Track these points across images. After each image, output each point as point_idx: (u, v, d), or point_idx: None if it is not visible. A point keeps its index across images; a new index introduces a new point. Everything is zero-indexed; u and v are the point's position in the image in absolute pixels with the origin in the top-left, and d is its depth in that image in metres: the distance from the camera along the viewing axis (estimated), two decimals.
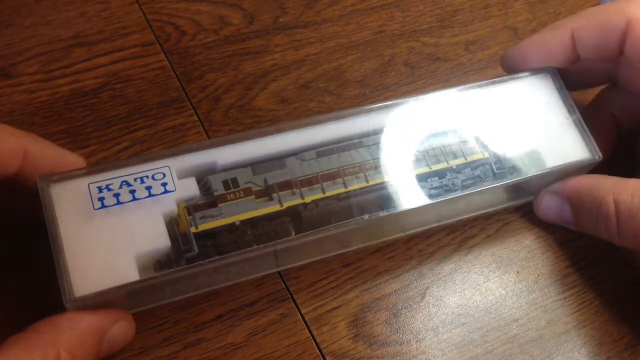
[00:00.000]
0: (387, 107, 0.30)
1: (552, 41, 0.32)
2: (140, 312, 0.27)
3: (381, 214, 0.28)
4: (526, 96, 0.32)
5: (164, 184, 0.26)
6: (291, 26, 0.40)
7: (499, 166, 0.30)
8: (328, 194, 0.28)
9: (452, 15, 0.43)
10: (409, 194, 0.29)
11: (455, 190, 0.29)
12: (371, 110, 0.30)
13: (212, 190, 0.27)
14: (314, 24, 0.40)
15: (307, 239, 0.27)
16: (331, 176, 0.28)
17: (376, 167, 0.29)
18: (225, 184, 0.27)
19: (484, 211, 0.32)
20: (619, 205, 0.28)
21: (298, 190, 0.28)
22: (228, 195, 0.27)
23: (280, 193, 0.27)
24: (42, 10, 0.37)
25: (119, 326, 0.25)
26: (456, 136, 0.31)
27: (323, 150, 0.29)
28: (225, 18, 0.40)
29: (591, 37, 0.31)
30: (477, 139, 0.31)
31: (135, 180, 0.26)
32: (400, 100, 0.30)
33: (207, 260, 0.25)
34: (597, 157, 0.31)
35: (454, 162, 0.30)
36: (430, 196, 0.29)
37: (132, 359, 0.27)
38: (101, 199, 0.25)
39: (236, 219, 0.26)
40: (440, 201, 0.29)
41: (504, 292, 0.31)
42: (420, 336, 0.29)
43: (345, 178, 0.28)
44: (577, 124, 0.32)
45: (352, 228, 0.27)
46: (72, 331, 0.23)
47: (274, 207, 0.27)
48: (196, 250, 0.25)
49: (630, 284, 0.32)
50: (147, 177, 0.26)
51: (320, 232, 0.27)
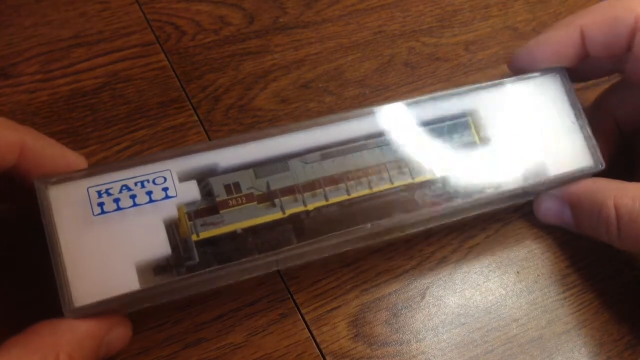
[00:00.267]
0: (392, 108, 0.30)
1: (561, 39, 0.31)
2: (139, 312, 0.27)
3: (384, 223, 0.27)
4: (534, 98, 0.32)
5: (165, 189, 0.26)
6: (291, 26, 0.40)
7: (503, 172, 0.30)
8: (331, 201, 0.27)
9: (452, 15, 0.43)
10: (412, 203, 0.28)
11: (459, 198, 0.29)
12: (376, 111, 0.29)
13: (214, 195, 0.26)
14: (314, 24, 0.40)
15: (309, 248, 0.26)
16: (334, 181, 0.28)
17: (380, 172, 0.29)
18: (227, 189, 0.27)
19: (484, 211, 0.32)
20: (620, 209, 0.28)
21: (301, 196, 0.27)
22: (230, 201, 0.26)
23: (282, 199, 0.27)
24: (42, 10, 0.37)
25: (116, 331, 0.25)
26: (462, 139, 0.30)
27: (327, 152, 0.28)
28: (225, 18, 0.40)
29: (601, 33, 0.30)
30: (482, 145, 0.30)
31: (136, 184, 0.25)
32: (405, 102, 0.30)
33: (208, 269, 0.25)
34: (600, 166, 0.31)
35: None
36: (434, 204, 0.28)
37: (132, 359, 0.27)
38: (101, 205, 0.25)
39: (238, 226, 0.26)
40: (444, 211, 0.28)
41: (504, 292, 0.31)
42: (420, 336, 0.29)
43: (349, 183, 0.28)
44: (583, 129, 0.31)
45: (354, 237, 0.27)
46: (72, 335, 0.23)
47: (276, 215, 0.27)
48: (197, 259, 0.25)
49: (630, 284, 0.32)
50: (148, 181, 0.26)
51: (322, 241, 0.27)
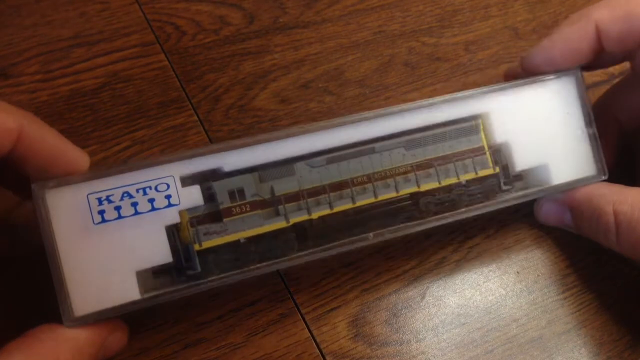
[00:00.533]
0: (396, 112, 0.28)
1: (576, 36, 0.30)
2: (139, 311, 0.27)
3: (387, 234, 0.27)
4: (546, 102, 0.31)
5: (168, 197, 0.25)
6: (291, 26, 0.40)
7: (506, 181, 0.30)
8: (336, 209, 0.27)
9: (452, 15, 0.43)
10: (417, 212, 0.28)
11: (461, 208, 0.29)
12: (384, 115, 0.28)
13: (218, 202, 0.26)
14: (314, 24, 0.40)
15: (311, 257, 0.26)
16: (340, 187, 0.27)
17: (385, 178, 0.28)
18: (231, 195, 0.26)
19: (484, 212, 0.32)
20: (619, 216, 0.28)
21: (305, 203, 0.27)
22: (234, 209, 0.26)
23: (287, 205, 0.27)
24: (42, 10, 0.37)
25: (114, 335, 0.25)
26: (470, 143, 0.30)
27: (333, 156, 0.28)
28: (225, 18, 0.40)
29: (617, 28, 0.29)
30: (491, 151, 0.30)
31: (138, 191, 0.24)
32: (411, 105, 0.29)
33: (209, 279, 0.25)
34: (603, 176, 0.30)
35: (464, 177, 0.29)
36: (436, 213, 0.28)
37: (132, 359, 0.27)
38: (101, 213, 0.24)
39: (241, 236, 0.26)
40: (447, 220, 0.28)
41: (504, 292, 0.31)
42: (420, 336, 0.29)
43: (354, 189, 0.27)
44: (591, 137, 0.30)
45: (356, 246, 0.27)
46: (73, 343, 0.23)
47: (280, 224, 0.26)
48: (199, 269, 0.25)
49: (630, 284, 0.32)
50: (150, 188, 0.25)
51: (324, 250, 0.26)
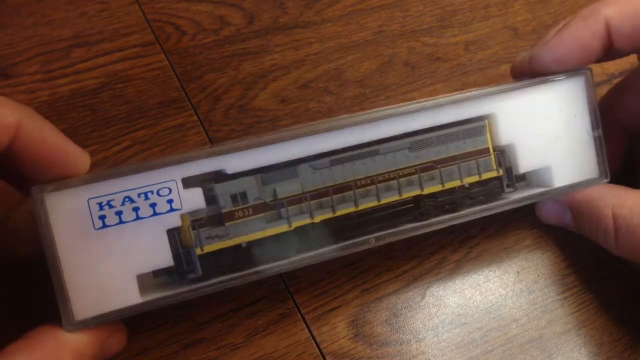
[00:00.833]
0: (402, 112, 0.28)
1: (586, 33, 0.29)
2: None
3: (388, 238, 0.27)
4: (554, 103, 0.30)
5: (170, 201, 0.24)
6: (291, 26, 0.40)
7: (509, 183, 0.30)
8: (338, 213, 0.27)
9: (452, 15, 0.43)
10: (418, 215, 0.28)
11: (462, 210, 0.29)
12: (387, 116, 0.28)
13: (220, 205, 0.25)
14: (314, 24, 0.40)
15: (312, 260, 0.26)
16: (343, 189, 0.27)
17: (389, 180, 0.28)
18: (234, 199, 0.26)
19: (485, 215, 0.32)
20: (618, 220, 0.28)
21: (308, 206, 0.27)
22: (236, 213, 0.26)
23: (289, 208, 0.26)
24: (42, 10, 0.37)
25: (113, 338, 0.25)
26: (475, 145, 0.29)
27: (337, 158, 0.27)
28: (225, 18, 0.40)
29: (627, 25, 0.29)
30: (495, 153, 0.30)
31: (139, 196, 0.24)
32: (416, 105, 0.28)
33: (210, 282, 0.25)
34: (605, 179, 0.30)
35: (467, 180, 0.29)
36: (437, 215, 0.28)
37: (132, 359, 0.27)
38: (102, 218, 0.23)
39: (243, 240, 0.26)
40: (449, 222, 0.28)
41: (504, 292, 0.31)
42: (420, 336, 0.29)
43: (357, 192, 0.27)
44: (596, 140, 0.30)
45: (357, 250, 0.27)
46: (74, 346, 0.23)
47: (282, 228, 0.26)
48: (200, 273, 0.25)
49: (630, 284, 0.32)
50: (152, 192, 0.24)
51: (325, 254, 0.26)
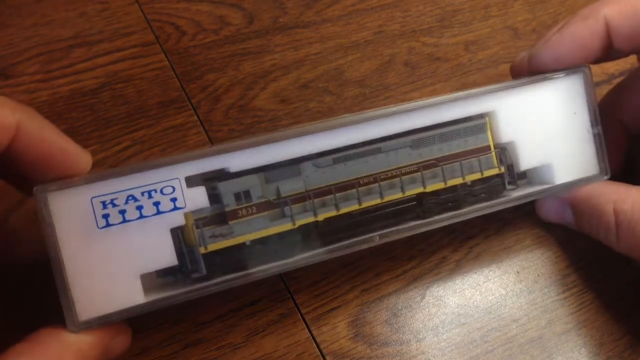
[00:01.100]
0: (404, 110, 0.28)
1: (586, 33, 0.29)
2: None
3: (393, 236, 0.27)
4: (554, 101, 0.30)
5: (174, 200, 0.24)
6: (291, 26, 0.40)
7: (510, 181, 0.30)
8: (342, 211, 0.27)
9: (452, 15, 0.43)
10: (421, 212, 0.28)
11: (465, 207, 0.29)
12: (389, 114, 0.27)
13: (223, 204, 0.25)
14: (314, 24, 0.40)
15: (316, 259, 0.26)
16: (346, 187, 0.27)
17: (391, 177, 0.28)
18: (237, 197, 0.26)
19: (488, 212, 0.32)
20: (619, 216, 0.28)
21: (311, 204, 0.26)
22: (240, 212, 0.25)
23: (293, 207, 0.26)
24: (42, 10, 0.37)
25: (117, 339, 0.24)
26: (476, 142, 0.29)
27: (340, 156, 0.27)
28: (225, 18, 0.40)
29: (627, 25, 0.29)
30: (497, 150, 0.30)
31: (143, 194, 0.24)
32: (418, 103, 0.28)
33: (214, 281, 0.24)
34: (605, 176, 0.30)
35: (469, 178, 0.29)
36: (439, 213, 0.28)
37: (132, 359, 0.27)
38: (105, 217, 0.23)
39: (247, 238, 0.25)
40: (451, 219, 0.28)
41: (504, 292, 0.31)
42: (420, 336, 0.29)
43: (360, 190, 0.27)
44: (596, 137, 0.30)
45: (361, 248, 0.27)
46: (77, 347, 0.22)
47: (286, 226, 0.26)
48: (204, 272, 0.25)
49: (630, 284, 0.32)
50: (156, 191, 0.24)
51: (330, 253, 0.26)
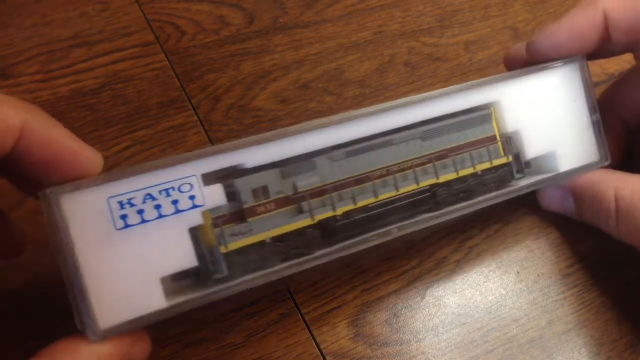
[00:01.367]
0: (413, 102, 0.28)
1: (584, 23, 0.30)
2: None
3: (410, 227, 0.27)
4: (554, 89, 0.31)
5: (192, 197, 0.23)
6: (291, 26, 0.40)
7: (518, 169, 0.30)
8: (359, 204, 0.27)
9: (452, 15, 0.43)
10: (434, 204, 0.28)
11: (476, 197, 0.29)
12: (400, 106, 0.27)
13: (241, 201, 0.25)
14: (314, 24, 0.40)
15: (337, 255, 0.25)
16: (361, 180, 0.27)
17: (404, 169, 0.28)
18: (255, 193, 0.25)
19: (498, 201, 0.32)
20: (619, 201, 0.28)
21: (329, 198, 0.26)
22: (258, 208, 0.25)
23: (311, 201, 0.26)
24: (42, 10, 0.37)
25: (137, 346, 0.23)
26: (483, 132, 0.30)
27: (353, 149, 0.27)
28: (225, 18, 0.40)
29: (625, 18, 0.29)
30: (503, 140, 0.30)
31: (160, 192, 0.23)
32: (426, 94, 0.28)
33: (236, 282, 0.24)
34: (605, 162, 0.31)
35: (480, 167, 0.29)
36: (452, 204, 0.28)
37: None
38: (123, 217, 0.22)
39: (267, 235, 0.25)
40: (464, 209, 0.28)
41: (504, 292, 0.31)
42: (420, 336, 0.29)
43: (375, 183, 0.27)
44: (595, 124, 0.31)
45: (380, 241, 0.26)
46: (96, 357, 0.21)
47: (305, 222, 0.25)
48: (226, 272, 0.24)
49: (631, 284, 0.32)
50: (173, 188, 0.23)
51: (350, 248, 0.26)
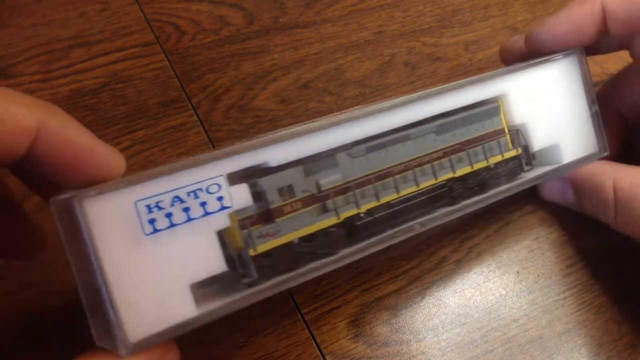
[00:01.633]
0: (428, 95, 0.27)
1: (582, 15, 0.30)
2: None
3: (431, 223, 0.27)
4: (555, 81, 0.31)
5: (220, 198, 0.22)
6: (291, 26, 0.40)
7: (527, 161, 0.31)
8: (382, 201, 0.26)
9: (452, 15, 0.43)
10: (451, 198, 0.28)
11: (489, 191, 0.29)
12: (407, 102, 0.27)
13: (268, 201, 0.24)
14: (314, 24, 0.40)
15: (363, 254, 0.25)
16: (382, 176, 0.27)
17: (422, 164, 0.28)
18: (281, 193, 0.24)
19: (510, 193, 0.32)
20: (618, 192, 0.29)
21: (353, 196, 0.26)
22: (285, 208, 0.24)
23: (335, 199, 0.25)
24: (42, 10, 0.37)
25: (167, 358, 0.22)
26: (492, 126, 0.30)
27: (372, 145, 0.27)
28: (225, 18, 0.40)
29: (623, 10, 0.30)
30: (512, 133, 0.30)
31: (189, 194, 0.22)
32: (439, 88, 0.28)
33: (266, 285, 0.23)
34: (604, 152, 0.32)
35: (492, 160, 0.30)
36: (468, 197, 0.28)
37: None
38: (152, 222, 0.21)
39: (295, 236, 0.24)
40: (480, 202, 0.28)
41: (504, 292, 0.31)
42: (420, 336, 0.29)
43: (396, 179, 0.27)
44: (594, 117, 0.32)
45: (403, 237, 0.26)
46: None
47: (331, 220, 0.25)
48: (255, 276, 0.23)
49: (631, 284, 0.32)
50: (201, 190, 0.22)
51: (375, 246, 0.25)
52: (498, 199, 0.29)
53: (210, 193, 0.22)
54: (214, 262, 0.22)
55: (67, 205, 0.19)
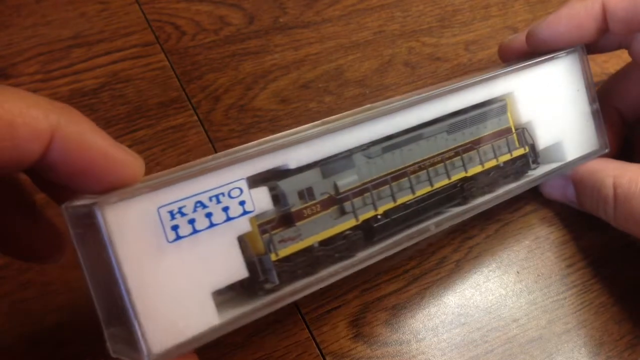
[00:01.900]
0: (440, 94, 0.27)
1: (583, 13, 0.30)
2: None
3: (445, 223, 0.27)
4: (558, 79, 0.32)
5: (242, 203, 0.22)
6: (291, 26, 0.40)
7: (534, 159, 0.31)
8: (399, 201, 0.26)
9: (452, 15, 0.43)
10: (462, 198, 0.28)
11: (499, 190, 0.29)
12: (417, 102, 0.27)
13: (288, 205, 0.23)
14: (314, 24, 0.40)
15: (380, 256, 0.25)
16: (398, 177, 0.27)
17: (435, 164, 0.28)
18: (301, 195, 0.24)
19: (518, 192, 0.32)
20: (617, 189, 0.29)
21: (370, 197, 0.26)
22: (305, 211, 0.24)
23: (353, 200, 0.25)
24: (42, 10, 0.37)
25: None
26: (500, 124, 0.30)
27: (388, 145, 0.26)
28: (225, 18, 0.40)
29: (623, 9, 0.30)
30: (518, 131, 0.31)
31: (211, 199, 0.21)
32: (448, 87, 0.28)
33: (288, 291, 0.22)
34: (605, 150, 0.32)
35: (502, 159, 0.30)
36: (479, 196, 0.29)
37: None
38: (175, 228, 0.20)
39: (315, 239, 0.24)
40: (490, 200, 0.28)
41: (504, 292, 0.31)
42: (420, 336, 0.29)
43: (411, 179, 0.27)
44: (594, 114, 0.32)
45: (419, 238, 0.26)
46: None
47: (350, 223, 0.25)
48: (277, 281, 0.22)
49: (631, 284, 0.32)
50: (224, 194, 0.21)
51: (392, 248, 0.25)
52: (506, 199, 0.29)
53: (232, 197, 0.21)
54: (235, 268, 0.21)
55: (88, 212, 0.18)
